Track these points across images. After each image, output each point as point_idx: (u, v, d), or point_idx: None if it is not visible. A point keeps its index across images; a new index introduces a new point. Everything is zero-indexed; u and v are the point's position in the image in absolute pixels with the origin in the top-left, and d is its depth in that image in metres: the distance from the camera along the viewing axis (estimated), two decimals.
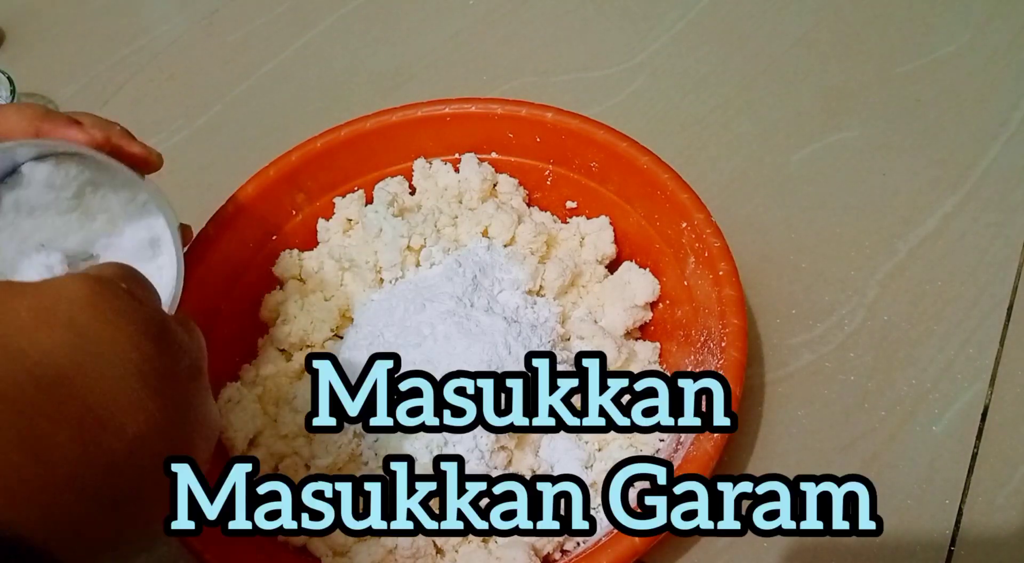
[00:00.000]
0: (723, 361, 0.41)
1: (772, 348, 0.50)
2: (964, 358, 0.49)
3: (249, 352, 0.50)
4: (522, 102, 0.51)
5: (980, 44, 0.64)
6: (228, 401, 0.46)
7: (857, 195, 0.56)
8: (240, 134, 0.65)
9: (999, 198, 0.55)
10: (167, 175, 0.62)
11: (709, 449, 0.38)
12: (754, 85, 0.63)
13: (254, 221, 0.50)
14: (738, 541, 0.43)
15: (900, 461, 0.46)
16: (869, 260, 0.53)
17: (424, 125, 0.52)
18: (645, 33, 0.67)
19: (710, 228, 0.45)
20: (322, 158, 0.51)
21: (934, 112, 0.60)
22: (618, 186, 0.50)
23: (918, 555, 0.43)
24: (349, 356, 0.45)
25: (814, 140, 0.59)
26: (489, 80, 0.66)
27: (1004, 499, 0.44)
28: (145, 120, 0.66)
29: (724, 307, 0.42)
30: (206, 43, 0.71)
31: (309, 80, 0.68)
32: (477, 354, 0.43)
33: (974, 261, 0.53)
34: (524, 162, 0.53)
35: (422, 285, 0.47)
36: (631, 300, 0.48)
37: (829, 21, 0.67)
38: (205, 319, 0.48)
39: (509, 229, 0.50)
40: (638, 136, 0.48)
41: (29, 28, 0.74)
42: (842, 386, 0.48)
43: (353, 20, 0.72)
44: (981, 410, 0.47)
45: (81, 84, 0.69)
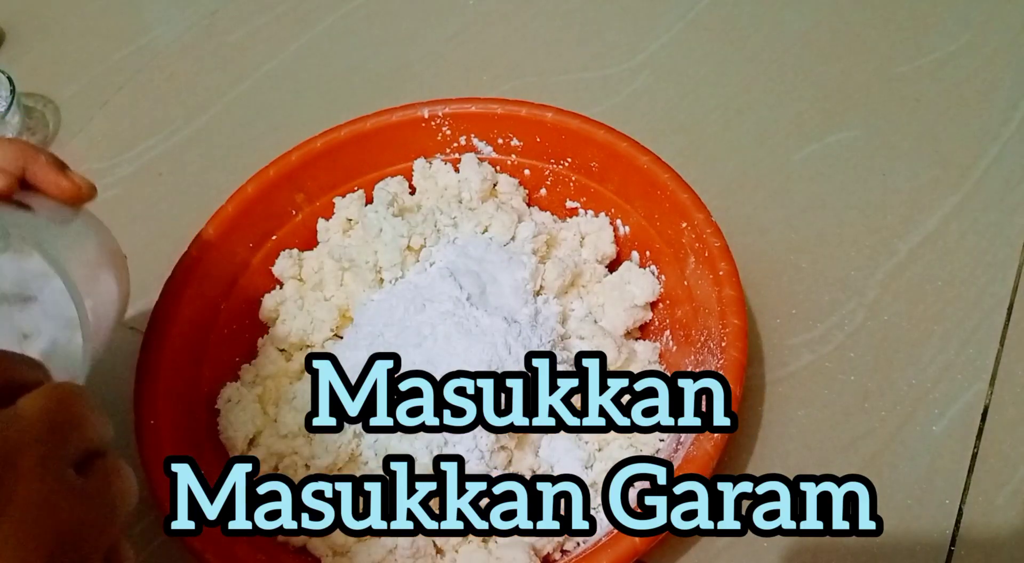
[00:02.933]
0: (723, 361, 0.41)
1: (772, 348, 0.50)
2: (964, 358, 0.49)
3: (249, 352, 0.50)
4: (522, 102, 0.51)
5: (980, 44, 0.64)
6: (228, 401, 0.46)
7: (857, 195, 0.56)
8: (240, 134, 0.65)
9: (999, 198, 0.55)
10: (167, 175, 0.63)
11: (709, 449, 0.38)
12: (754, 85, 0.63)
13: (254, 221, 0.50)
14: (738, 541, 0.43)
15: (900, 461, 0.46)
16: (869, 260, 0.53)
17: (424, 125, 0.52)
18: (645, 33, 0.67)
19: (710, 228, 0.45)
20: (322, 158, 0.51)
21: (934, 112, 0.60)
22: (618, 186, 0.50)
23: (918, 555, 0.43)
24: (349, 356, 0.45)
25: (814, 140, 0.59)
26: (489, 80, 0.66)
27: (1004, 499, 0.44)
28: (145, 120, 0.66)
29: (724, 307, 0.42)
30: (206, 43, 0.71)
31: (309, 80, 0.68)
32: (477, 354, 0.43)
33: (974, 261, 0.53)
34: (524, 162, 0.53)
35: (422, 285, 0.47)
36: (631, 300, 0.48)
37: (829, 21, 0.66)
38: (205, 319, 0.48)
39: (509, 229, 0.50)
40: (638, 136, 0.48)
41: (29, 28, 0.74)
42: (842, 386, 0.48)
43: (353, 20, 0.72)
44: (981, 410, 0.47)
45: (81, 84, 0.69)
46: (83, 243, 0.37)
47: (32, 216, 0.34)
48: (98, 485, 0.25)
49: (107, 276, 0.37)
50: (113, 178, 0.62)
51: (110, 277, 0.37)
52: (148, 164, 0.63)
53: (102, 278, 0.37)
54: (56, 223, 0.36)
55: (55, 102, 0.68)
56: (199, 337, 0.47)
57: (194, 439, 0.44)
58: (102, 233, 0.39)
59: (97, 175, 0.61)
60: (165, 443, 0.41)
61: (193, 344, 0.47)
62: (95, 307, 0.34)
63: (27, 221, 0.34)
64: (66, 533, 0.23)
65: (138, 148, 0.64)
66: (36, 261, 0.34)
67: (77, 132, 0.66)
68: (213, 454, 0.45)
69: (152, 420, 0.42)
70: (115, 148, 0.64)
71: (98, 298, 0.35)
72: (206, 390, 0.47)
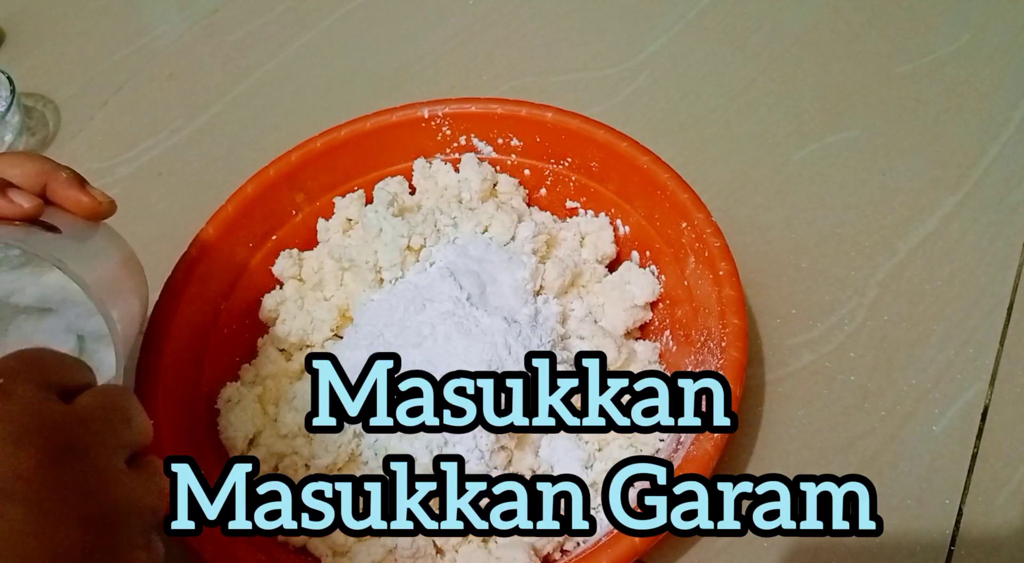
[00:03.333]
0: (723, 361, 0.41)
1: (772, 348, 0.50)
2: (964, 358, 0.49)
3: (249, 352, 0.50)
4: (522, 102, 0.51)
5: (980, 44, 0.64)
6: (228, 401, 0.46)
7: (857, 195, 0.56)
8: (240, 134, 0.65)
9: (999, 198, 0.55)
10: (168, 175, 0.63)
11: (709, 449, 0.38)
12: (754, 85, 0.63)
13: (254, 221, 0.50)
14: (738, 541, 0.43)
15: (900, 461, 0.46)
16: (869, 260, 0.53)
17: (424, 125, 0.52)
18: (645, 33, 0.67)
19: (710, 228, 0.45)
20: (322, 158, 0.51)
21: (934, 112, 0.60)
22: (618, 186, 0.50)
23: (918, 555, 0.43)
24: (349, 356, 0.45)
25: (814, 140, 0.59)
26: (489, 80, 0.66)
27: (1004, 499, 0.44)
28: (145, 120, 0.66)
29: (724, 307, 0.42)
30: (206, 43, 0.71)
31: (309, 80, 0.68)
32: (477, 354, 0.43)
33: (974, 261, 0.53)
34: (524, 162, 0.53)
35: (422, 285, 0.47)
36: (631, 300, 0.48)
37: (829, 21, 0.67)
38: (205, 319, 0.48)
39: (509, 229, 0.50)
40: (638, 136, 0.48)
41: (29, 28, 0.74)
42: (842, 386, 0.48)
43: (353, 20, 0.72)
44: (981, 410, 0.47)
45: (81, 84, 0.69)
46: (105, 257, 0.37)
47: (56, 236, 0.35)
48: (145, 476, 0.29)
49: (129, 288, 0.38)
50: (113, 178, 0.62)
51: (132, 289, 0.38)
52: (148, 164, 0.63)
53: (124, 291, 0.37)
54: (78, 240, 0.36)
55: (55, 102, 0.68)
56: (199, 337, 0.47)
57: (194, 439, 0.44)
58: (121, 245, 0.39)
59: (97, 175, 0.61)
60: (165, 443, 0.41)
61: (193, 344, 0.47)
62: (120, 318, 0.35)
63: (52, 240, 0.35)
64: (118, 512, 0.27)
65: (138, 148, 0.64)
66: (57, 276, 0.35)
67: (77, 132, 0.66)
68: (213, 454, 0.45)
69: (152, 420, 0.42)
70: (115, 148, 0.64)
71: (122, 310, 0.36)
72: (206, 390, 0.47)
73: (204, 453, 0.44)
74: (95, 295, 0.33)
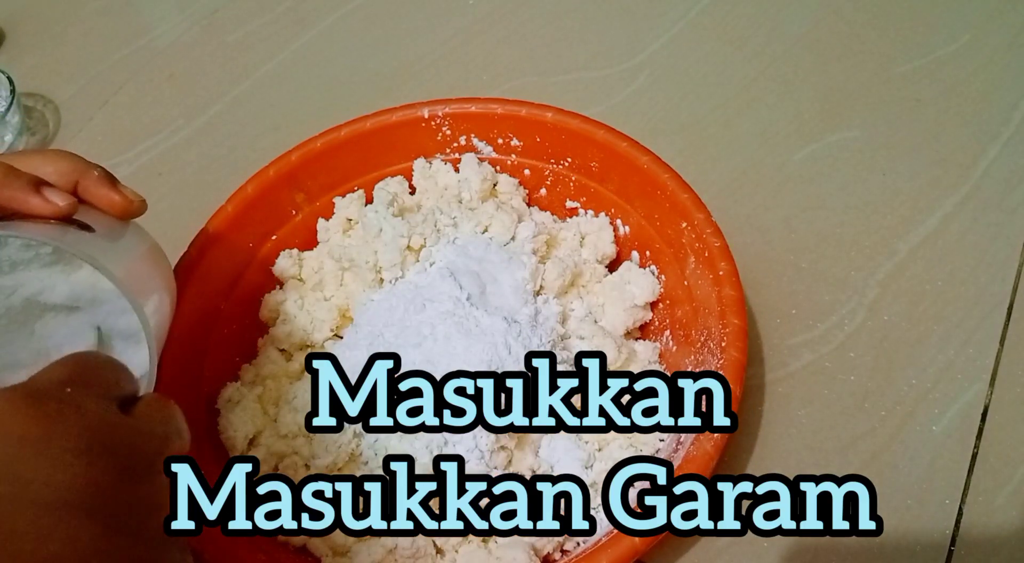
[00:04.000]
0: (723, 361, 0.41)
1: (772, 348, 0.50)
2: (964, 358, 0.49)
3: (249, 352, 0.50)
4: (522, 102, 0.51)
5: (980, 44, 0.64)
6: (228, 401, 0.46)
7: (857, 195, 0.56)
8: (240, 134, 0.65)
9: (999, 198, 0.55)
10: (168, 175, 0.63)
11: (709, 449, 0.38)
12: (754, 85, 0.63)
13: (254, 221, 0.50)
14: (738, 541, 0.43)
15: (900, 461, 0.46)
16: (869, 260, 0.53)
17: (424, 125, 0.52)
18: (645, 33, 0.67)
19: (710, 228, 0.45)
20: (322, 158, 0.51)
21: (934, 112, 0.60)
22: (618, 186, 0.50)
23: (918, 555, 0.43)
24: (349, 356, 0.45)
25: (814, 140, 0.59)
26: (489, 80, 0.66)
27: (1004, 499, 0.44)
28: (145, 120, 0.66)
29: (724, 307, 0.42)
30: (206, 43, 0.71)
31: (309, 80, 0.68)
32: (477, 354, 0.43)
33: (974, 261, 0.53)
34: (524, 162, 0.53)
35: (422, 285, 0.47)
36: (631, 300, 0.48)
37: (829, 21, 0.67)
38: (205, 319, 0.48)
39: (509, 229, 0.50)
40: (638, 136, 0.48)
41: (29, 28, 0.74)
42: (842, 386, 0.48)
43: (353, 20, 0.72)
44: (981, 410, 0.47)
45: (81, 84, 0.69)
46: (137, 256, 0.37)
47: (91, 235, 0.35)
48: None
49: (160, 286, 0.38)
50: None
51: (163, 287, 0.39)
52: (148, 164, 0.63)
53: (156, 289, 0.38)
54: (111, 239, 0.36)
55: (55, 102, 0.68)
56: (199, 337, 0.47)
57: (194, 439, 0.44)
58: (151, 244, 0.40)
59: None
60: None
61: (193, 344, 0.47)
62: (152, 316, 0.35)
63: (86, 239, 0.35)
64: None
65: (138, 148, 0.64)
66: (86, 274, 0.36)
67: (77, 132, 0.66)
68: (213, 454, 0.45)
69: None
70: (115, 148, 0.64)
71: (153, 308, 0.36)
72: (206, 390, 0.47)
73: (204, 453, 0.44)
74: (130, 294, 0.33)
